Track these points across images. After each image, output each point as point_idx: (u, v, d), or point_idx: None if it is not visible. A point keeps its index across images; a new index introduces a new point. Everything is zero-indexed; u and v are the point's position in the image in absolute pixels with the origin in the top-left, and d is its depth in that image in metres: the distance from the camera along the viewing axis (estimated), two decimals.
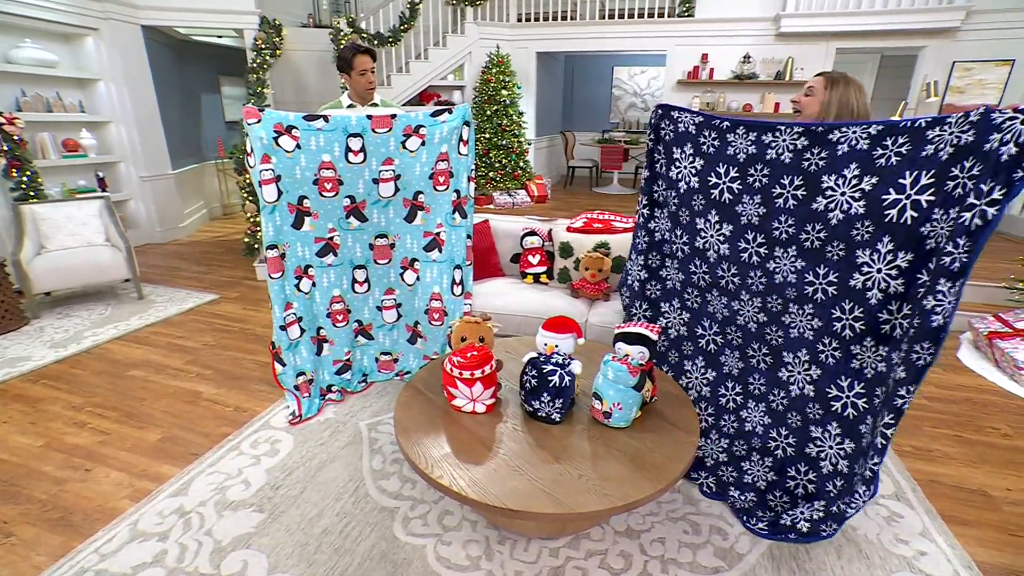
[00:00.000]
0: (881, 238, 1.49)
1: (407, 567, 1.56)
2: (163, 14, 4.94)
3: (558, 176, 9.16)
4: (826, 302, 1.63)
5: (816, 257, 1.63)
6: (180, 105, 5.86)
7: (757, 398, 1.86)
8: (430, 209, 2.44)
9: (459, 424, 1.66)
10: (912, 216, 1.43)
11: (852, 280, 1.57)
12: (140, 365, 2.82)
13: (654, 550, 1.64)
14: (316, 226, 2.30)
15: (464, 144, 2.40)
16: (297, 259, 2.30)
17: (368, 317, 2.57)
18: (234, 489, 1.88)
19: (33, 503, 1.81)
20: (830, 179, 1.56)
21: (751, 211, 1.73)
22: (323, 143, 2.19)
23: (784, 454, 1.79)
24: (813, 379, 1.69)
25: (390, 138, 2.28)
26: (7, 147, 3.59)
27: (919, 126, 1.41)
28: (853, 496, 1.58)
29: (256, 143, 2.11)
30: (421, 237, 2.48)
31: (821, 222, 1.60)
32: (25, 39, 4.16)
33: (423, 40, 6.56)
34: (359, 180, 2.30)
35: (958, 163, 1.34)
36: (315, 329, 2.42)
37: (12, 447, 2.12)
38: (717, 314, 1.94)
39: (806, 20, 5.44)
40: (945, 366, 2.90)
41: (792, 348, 1.74)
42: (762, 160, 1.67)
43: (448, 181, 2.41)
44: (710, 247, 1.87)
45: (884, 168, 1.46)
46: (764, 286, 1.76)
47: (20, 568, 1.55)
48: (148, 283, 4.08)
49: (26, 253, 3.38)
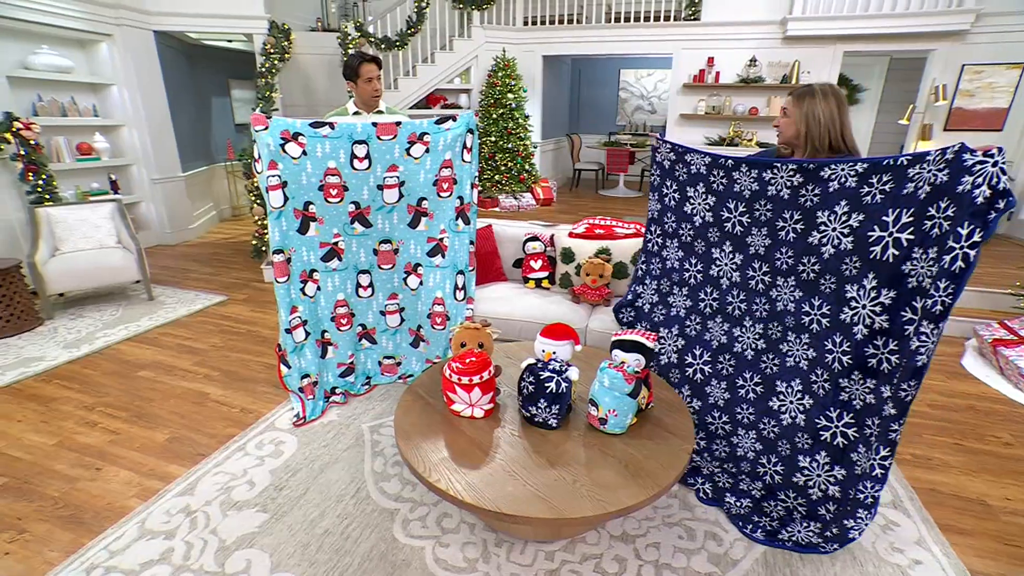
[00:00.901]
0: (867, 274, 1.55)
1: (406, 568, 1.60)
2: (175, 19, 5.03)
3: (564, 179, 9.18)
4: (820, 333, 1.70)
5: (811, 288, 1.70)
6: (191, 108, 5.96)
7: (747, 426, 1.93)
8: (434, 215, 2.48)
9: (457, 429, 1.69)
10: (894, 254, 1.48)
11: (842, 314, 1.63)
12: (150, 366, 2.89)
13: (648, 555, 1.66)
14: (321, 231, 2.34)
15: (468, 151, 2.44)
16: (303, 263, 2.35)
17: (372, 321, 2.61)
18: (239, 489, 1.93)
19: (46, 500, 1.87)
20: (823, 215, 1.64)
21: (759, 242, 1.82)
22: (329, 150, 2.24)
23: (773, 480, 1.85)
24: (805, 408, 1.75)
25: (395, 145, 2.32)
26: (24, 151, 3.67)
27: (901, 164, 1.46)
28: (855, 519, 1.60)
29: (263, 149, 2.15)
30: (425, 242, 2.52)
31: (815, 255, 1.67)
32: (42, 45, 4.27)
33: (430, 44, 6.62)
34: (364, 186, 2.34)
35: (934, 203, 1.38)
36: (319, 332, 2.47)
37: (26, 445, 2.18)
38: (713, 341, 2.01)
39: (813, 23, 5.42)
40: (948, 373, 2.89)
41: (786, 377, 1.80)
42: (765, 196, 1.76)
43: (452, 188, 2.45)
44: (723, 275, 1.96)
45: (870, 205, 1.53)
46: (767, 313, 1.84)
47: (33, 563, 1.60)
48: (158, 284, 4.16)
49: (41, 255, 3.46)
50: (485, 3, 6.58)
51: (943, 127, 5.51)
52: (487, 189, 6.68)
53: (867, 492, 1.55)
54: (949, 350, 3.17)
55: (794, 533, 1.68)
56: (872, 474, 1.54)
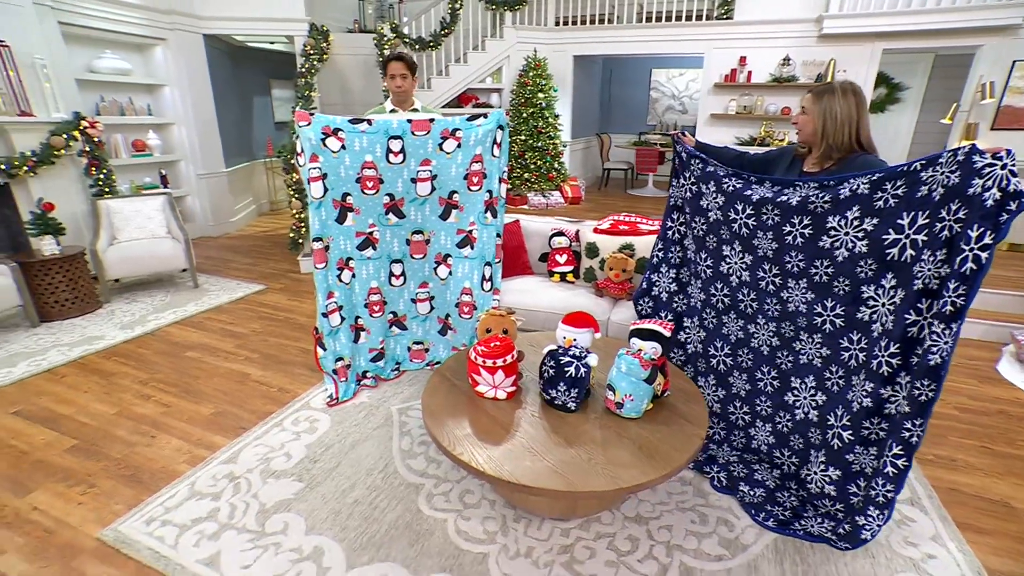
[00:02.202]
0: (884, 275, 1.57)
1: (428, 537, 1.71)
2: (223, 23, 5.31)
3: (593, 178, 9.19)
4: (834, 332, 1.72)
5: (824, 291, 1.72)
6: (234, 107, 6.27)
7: (764, 418, 1.97)
8: (464, 208, 2.59)
9: (481, 409, 1.79)
10: (911, 255, 1.49)
11: (859, 313, 1.65)
12: (196, 347, 3.10)
13: (661, 536, 1.72)
14: (358, 221, 2.48)
15: (497, 147, 2.54)
16: (339, 251, 2.49)
17: (403, 309, 2.73)
18: (277, 460, 2.08)
19: (110, 461, 2.07)
20: (834, 220, 1.64)
21: (766, 245, 1.84)
22: (366, 144, 2.37)
23: (788, 470, 1.90)
24: (818, 405, 1.78)
25: (428, 140, 2.44)
26: (89, 148, 3.97)
27: (914, 169, 1.47)
28: (867, 516, 1.62)
29: (305, 143, 2.31)
30: (455, 234, 2.63)
31: (828, 259, 1.69)
32: (105, 51, 4.60)
33: (463, 44, 6.76)
34: (398, 179, 2.47)
35: (946, 204, 1.39)
36: (353, 318, 2.61)
37: (92, 413, 2.40)
38: (731, 336, 2.05)
39: (851, 21, 5.29)
40: (982, 378, 2.82)
41: (800, 374, 1.84)
42: (773, 203, 1.77)
43: (481, 182, 2.55)
44: (733, 272, 1.99)
45: (883, 210, 1.54)
46: (779, 313, 1.87)
47: (102, 513, 1.80)
48: (202, 273, 4.42)
49: (101, 243, 3.74)
50: (517, 4, 6.67)
51: (990, 126, 5.30)
52: (516, 187, 6.77)
53: (879, 490, 1.57)
54: (985, 355, 3.09)
55: (807, 526, 1.71)
56: (884, 471, 1.55)
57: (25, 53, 3.65)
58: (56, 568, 1.59)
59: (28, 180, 3.67)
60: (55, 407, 2.45)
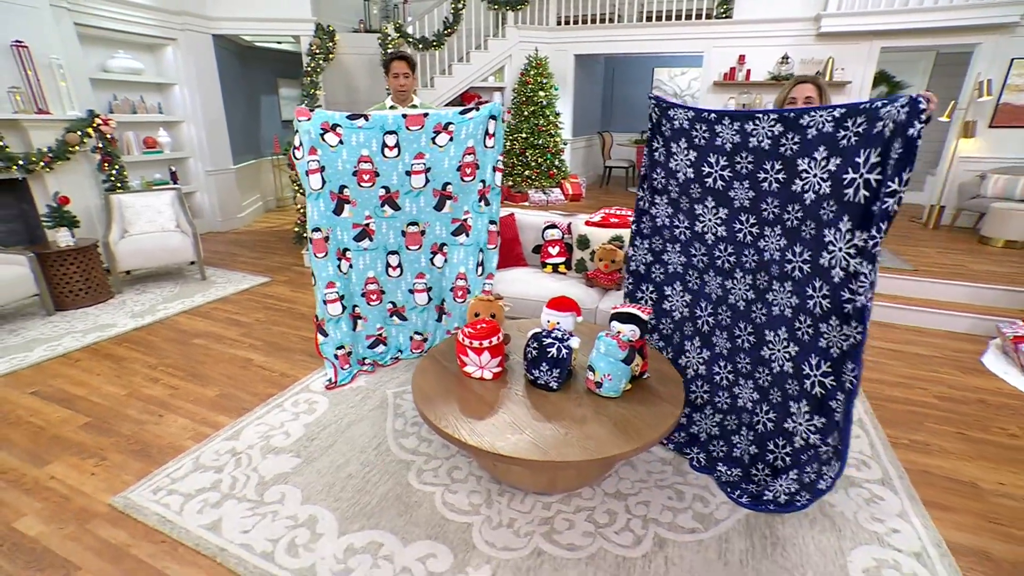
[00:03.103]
0: (842, 217, 1.56)
1: (417, 508, 1.81)
2: (232, 23, 5.45)
3: (595, 176, 9.26)
4: (802, 279, 1.72)
5: (794, 235, 1.73)
6: (242, 105, 6.42)
7: (745, 375, 1.98)
8: (458, 198, 2.68)
9: (468, 388, 1.89)
10: (864, 195, 1.50)
11: (821, 259, 1.64)
12: (202, 335, 3.22)
13: (638, 511, 1.80)
14: (354, 213, 2.58)
15: (490, 137, 2.60)
16: (337, 242, 2.59)
17: (401, 300, 2.83)
18: (276, 438, 2.19)
19: (121, 437, 2.19)
20: (804, 162, 1.66)
21: (742, 195, 1.86)
22: (363, 139, 2.48)
23: (764, 429, 1.91)
24: (792, 356, 1.78)
25: (422, 135, 2.54)
26: (102, 145, 4.12)
27: (875, 106, 1.49)
28: (823, 468, 1.68)
29: (305, 137, 2.42)
30: (449, 223, 2.72)
31: (799, 203, 1.70)
32: (118, 51, 4.76)
33: (465, 44, 6.85)
34: (393, 172, 2.57)
35: (894, 141, 1.42)
36: (351, 306, 2.71)
37: (104, 394, 2.53)
38: (712, 294, 2.06)
39: (849, 19, 5.33)
40: (965, 369, 2.88)
41: (773, 326, 1.84)
42: (746, 148, 1.80)
43: (474, 172, 2.63)
44: (708, 230, 2.01)
45: (845, 148, 1.55)
46: (755, 264, 1.89)
47: (113, 483, 1.92)
48: (210, 266, 4.56)
49: (113, 236, 3.88)
50: (519, 3, 6.76)
51: (988, 123, 5.32)
52: (517, 184, 6.86)
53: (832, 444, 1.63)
54: (971, 347, 3.14)
55: (777, 492, 1.78)
56: (835, 421, 1.61)
57: (42, 53, 3.80)
58: (71, 529, 1.71)
59: (44, 175, 3.82)
60: (70, 388, 2.58)
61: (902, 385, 2.68)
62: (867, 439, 2.20)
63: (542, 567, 1.57)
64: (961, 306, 3.51)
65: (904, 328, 3.44)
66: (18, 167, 3.63)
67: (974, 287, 3.60)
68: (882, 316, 3.56)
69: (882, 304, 3.56)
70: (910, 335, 3.33)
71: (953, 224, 5.54)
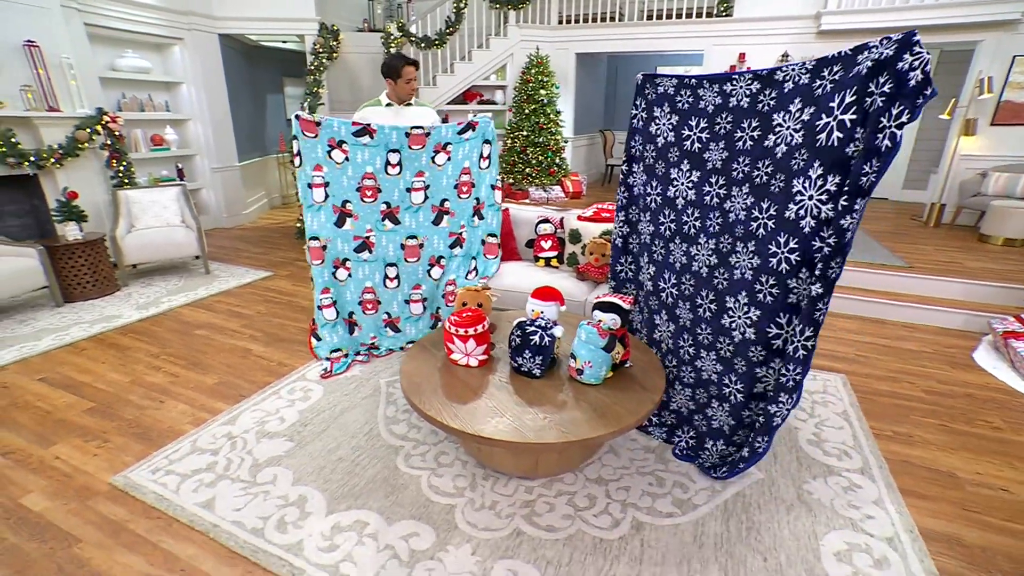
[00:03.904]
0: (812, 163, 1.55)
1: (403, 490, 1.86)
2: (237, 23, 5.55)
3: (598, 174, 9.29)
4: (765, 237, 1.71)
5: (762, 191, 1.73)
6: (248, 104, 6.52)
7: (707, 347, 1.98)
8: (455, 213, 2.85)
9: (453, 374, 1.95)
10: (838, 137, 1.48)
11: (787, 211, 1.63)
12: (204, 326, 3.31)
13: (618, 496, 1.85)
14: (356, 226, 2.69)
15: (484, 160, 2.82)
16: (336, 252, 2.69)
17: (396, 311, 2.92)
18: (271, 423, 2.26)
19: (123, 421, 2.27)
20: (779, 116, 1.67)
21: (716, 156, 1.88)
22: (368, 157, 2.60)
23: (735, 399, 1.92)
24: (753, 321, 1.77)
25: (422, 154, 2.70)
26: (110, 142, 4.22)
27: (849, 53, 1.49)
28: (777, 403, 1.69)
29: (310, 153, 2.50)
30: (447, 237, 2.89)
31: (770, 157, 1.70)
32: (127, 50, 4.87)
33: (468, 42, 6.92)
34: (395, 189, 2.70)
35: (875, 78, 1.39)
36: (347, 313, 2.80)
37: (108, 381, 2.62)
38: (676, 263, 2.07)
39: (849, 17, 5.32)
40: (955, 364, 2.89)
41: (734, 292, 1.83)
42: (726, 108, 1.84)
43: (470, 191, 2.85)
44: (679, 195, 2.03)
45: (820, 96, 1.54)
46: (719, 227, 1.89)
47: (114, 463, 2.00)
48: (214, 260, 4.66)
49: (120, 230, 3.99)
50: (521, 2, 6.81)
51: (989, 121, 5.29)
52: (518, 181, 6.91)
53: (789, 376, 1.64)
54: (963, 343, 3.15)
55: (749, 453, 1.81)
56: (796, 356, 1.61)
57: (53, 53, 3.90)
58: (74, 506, 1.78)
59: (55, 171, 3.93)
60: (76, 375, 2.67)
61: (890, 379, 2.71)
62: (850, 430, 2.23)
63: (520, 547, 1.62)
64: (955, 303, 3.51)
65: (896, 324, 3.45)
66: (29, 163, 3.74)
67: (969, 284, 3.60)
68: (874, 312, 3.57)
69: (874, 300, 3.57)
70: (902, 331, 3.35)
71: (954, 222, 5.51)
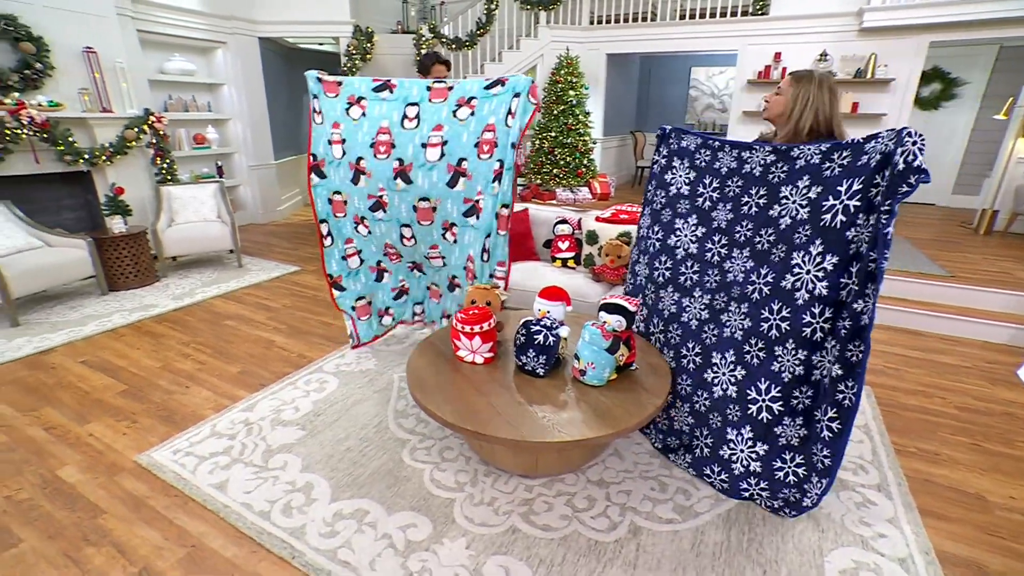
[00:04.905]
0: (814, 240, 1.61)
1: (405, 482, 1.91)
2: (277, 27, 5.78)
3: (627, 176, 9.18)
4: (759, 301, 1.75)
5: (763, 258, 1.77)
6: (284, 104, 6.77)
7: (683, 398, 1.99)
8: (472, 176, 2.53)
9: (459, 370, 1.97)
10: (841, 220, 1.55)
11: (783, 281, 1.68)
12: (233, 317, 3.47)
13: (618, 499, 1.83)
14: (369, 184, 2.60)
15: (512, 116, 2.42)
16: (355, 208, 2.67)
17: (419, 259, 2.83)
18: (287, 412, 2.35)
19: (151, 404, 2.41)
20: (786, 189, 1.72)
21: (722, 216, 1.92)
22: (385, 110, 2.51)
23: (701, 453, 1.92)
24: (737, 380, 1.80)
25: (443, 107, 2.48)
26: (156, 140, 4.48)
27: (859, 142, 1.56)
28: (809, 482, 1.67)
29: (330, 111, 2.53)
30: (461, 203, 2.58)
31: (773, 227, 1.75)
32: (174, 54, 5.15)
33: (498, 44, 6.97)
34: (410, 144, 2.50)
35: (881, 171, 1.46)
36: (375, 261, 2.79)
37: (142, 366, 2.78)
38: (665, 311, 2.10)
39: (895, 13, 5.06)
40: (995, 380, 2.72)
41: (722, 349, 1.86)
42: (739, 174, 1.88)
43: (492, 150, 2.47)
44: (680, 245, 2.06)
45: (828, 178, 1.60)
46: (716, 284, 1.92)
47: (141, 443, 2.14)
48: (247, 255, 4.87)
49: (161, 224, 4.22)
50: (552, 3, 6.81)
51: None
52: (545, 182, 6.91)
53: (818, 456, 1.62)
54: (1007, 359, 2.96)
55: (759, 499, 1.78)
56: (821, 436, 1.60)
57: (108, 57, 4.17)
58: (103, 480, 1.91)
59: (105, 168, 4.20)
60: (113, 359, 2.85)
61: (919, 393, 2.57)
62: (869, 444, 2.13)
63: (515, 544, 1.63)
64: (1002, 315, 3.30)
65: (933, 336, 3.27)
66: (84, 160, 4.00)
67: (1019, 295, 3.37)
68: (909, 322, 3.39)
69: (909, 310, 3.40)
70: (939, 343, 3.17)
71: (1007, 230, 5.16)
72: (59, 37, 3.89)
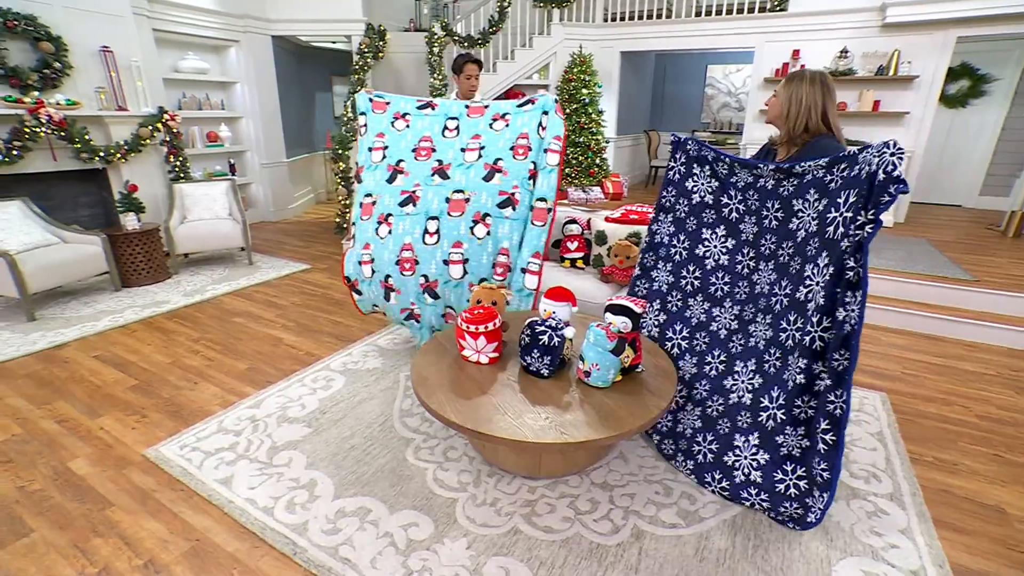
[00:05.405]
0: (821, 252, 1.61)
1: (408, 481, 1.90)
2: (289, 25, 5.82)
3: (641, 175, 9.09)
4: (780, 312, 1.76)
5: (783, 270, 1.78)
6: (297, 102, 6.82)
7: (696, 402, 1.98)
8: (508, 172, 2.64)
9: (463, 370, 1.96)
10: (840, 232, 1.54)
11: (798, 293, 1.68)
12: (242, 314, 3.50)
13: (622, 502, 1.80)
14: (406, 182, 2.70)
15: (543, 129, 2.68)
16: (383, 207, 2.70)
17: (435, 273, 2.70)
18: (293, 409, 2.36)
19: (160, 399, 2.44)
20: (799, 203, 1.73)
21: (749, 229, 1.93)
22: (428, 123, 2.76)
23: (704, 459, 1.89)
24: (754, 388, 1.79)
25: (480, 120, 2.76)
26: (169, 138, 4.54)
27: (854, 153, 1.56)
28: (811, 497, 1.64)
29: (375, 124, 2.74)
30: (496, 195, 2.64)
31: (792, 240, 1.76)
32: (188, 52, 5.21)
33: (511, 41, 6.94)
34: (450, 149, 2.73)
35: (870, 183, 1.46)
36: (384, 276, 2.76)
37: (152, 361, 2.82)
38: (692, 319, 2.08)
39: (920, 7, 4.92)
40: (1020, 389, 2.63)
41: (745, 357, 1.86)
42: (754, 187, 1.89)
43: (527, 153, 2.64)
44: (710, 255, 2.05)
45: (832, 191, 1.61)
46: (746, 295, 1.93)
47: (149, 437, 2.16)
48: (258, 252, 4.91)
49: (174, 221, 4.27)
50: (565, 1, 6.76)
51: None
52: None
53: (816, 470, 1.60)
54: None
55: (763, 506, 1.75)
56: (817, 449, 1.57)
57: (124, 56, 4.24)
58: (111, 473, 1.93)
59: (120, 165, 4.27)
60: (125, 355, 2.89)
61: (939, 401, 2.49)
62: (883, 452, 2.07)
63: (516, 545, 1.61)
64: None
65: (954, 342, 3.18)
66: (100, 158, 4.07)
67: None
68: (929, 327, 3.30)
69: (929, 315, 3.30)
70: (961, 350, 3.07)
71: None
72: (77, 37, 3.95)
